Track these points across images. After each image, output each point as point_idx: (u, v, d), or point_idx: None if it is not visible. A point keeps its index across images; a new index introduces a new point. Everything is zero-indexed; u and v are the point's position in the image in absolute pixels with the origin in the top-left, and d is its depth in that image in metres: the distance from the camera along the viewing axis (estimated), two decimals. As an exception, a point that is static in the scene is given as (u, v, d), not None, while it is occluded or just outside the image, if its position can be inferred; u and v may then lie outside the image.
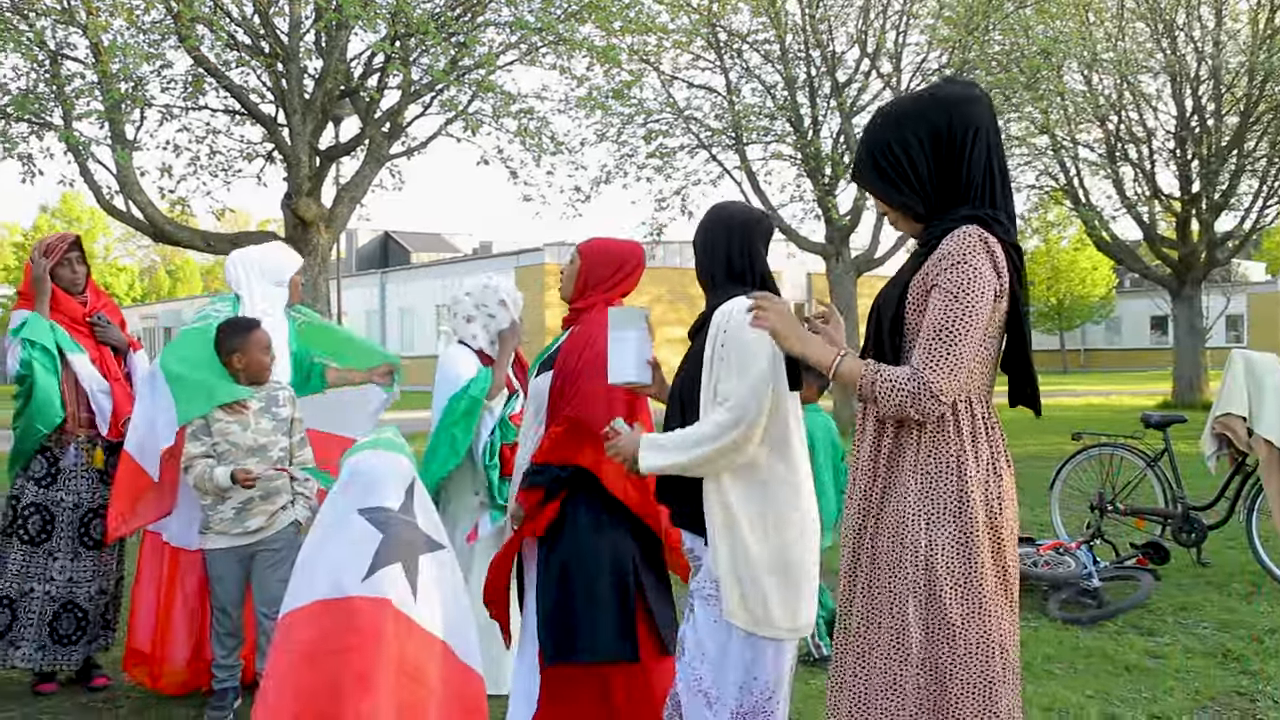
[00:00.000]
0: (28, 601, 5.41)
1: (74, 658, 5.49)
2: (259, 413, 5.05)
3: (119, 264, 68.31)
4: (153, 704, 5.31)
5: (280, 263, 5.57)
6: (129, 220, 14.65)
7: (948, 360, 2.76)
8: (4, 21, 13.01)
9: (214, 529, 4.98)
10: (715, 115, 20.76)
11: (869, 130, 3.03)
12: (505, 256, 39.25)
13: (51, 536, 5.45)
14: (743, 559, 3.42)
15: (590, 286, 4.31)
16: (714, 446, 3.36)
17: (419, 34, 13.23)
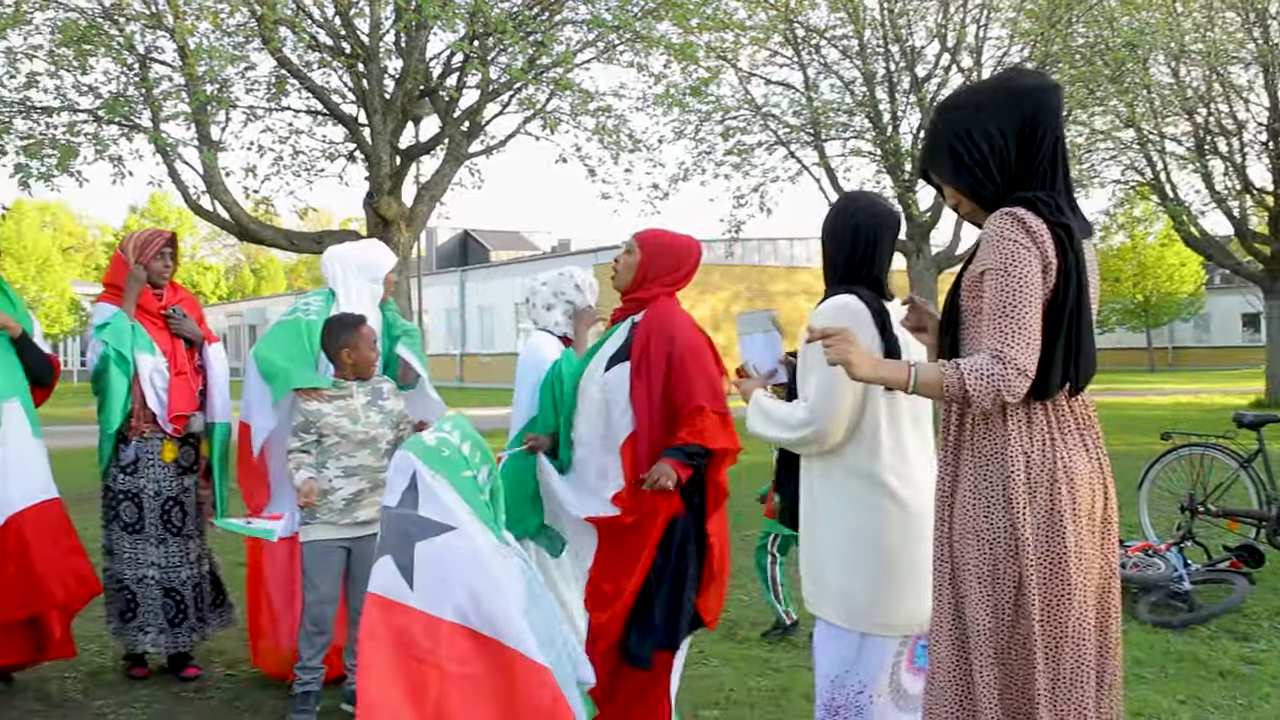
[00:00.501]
0: (144, 587, 5.58)
1: (181, 640, 5.65)
2: (367, 406, 5.06)
3: (205, 263, 69.64)
4: (242, 694, 5.41)
5: (376, 260, 5.63)
6: (215, 220, 14.93)
7: (1021, 334, 2.74)
8: (96, 27, 13.31)
9: (320, 519, 4.94)
10: (793, 112, 20.65)
11: (942, 121, 3.01)
12: (583, 254, 39.40)
13: (144, 524, 5.58)
14: (825, 551, 3.41)
15: (650, 278, 4.26)
16: (792, 436, 3.46)
17: (497, 33, 13.31)
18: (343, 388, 5.05)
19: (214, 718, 5.10)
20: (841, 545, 3.41)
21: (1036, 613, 2.79)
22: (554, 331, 5.43)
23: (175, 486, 5.66)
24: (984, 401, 2.77)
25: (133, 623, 5.60)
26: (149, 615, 5.59)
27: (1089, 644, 2.85)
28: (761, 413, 3.59)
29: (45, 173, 13.86)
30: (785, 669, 5.74)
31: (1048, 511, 2.81)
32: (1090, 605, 2.85)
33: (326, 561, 4.99)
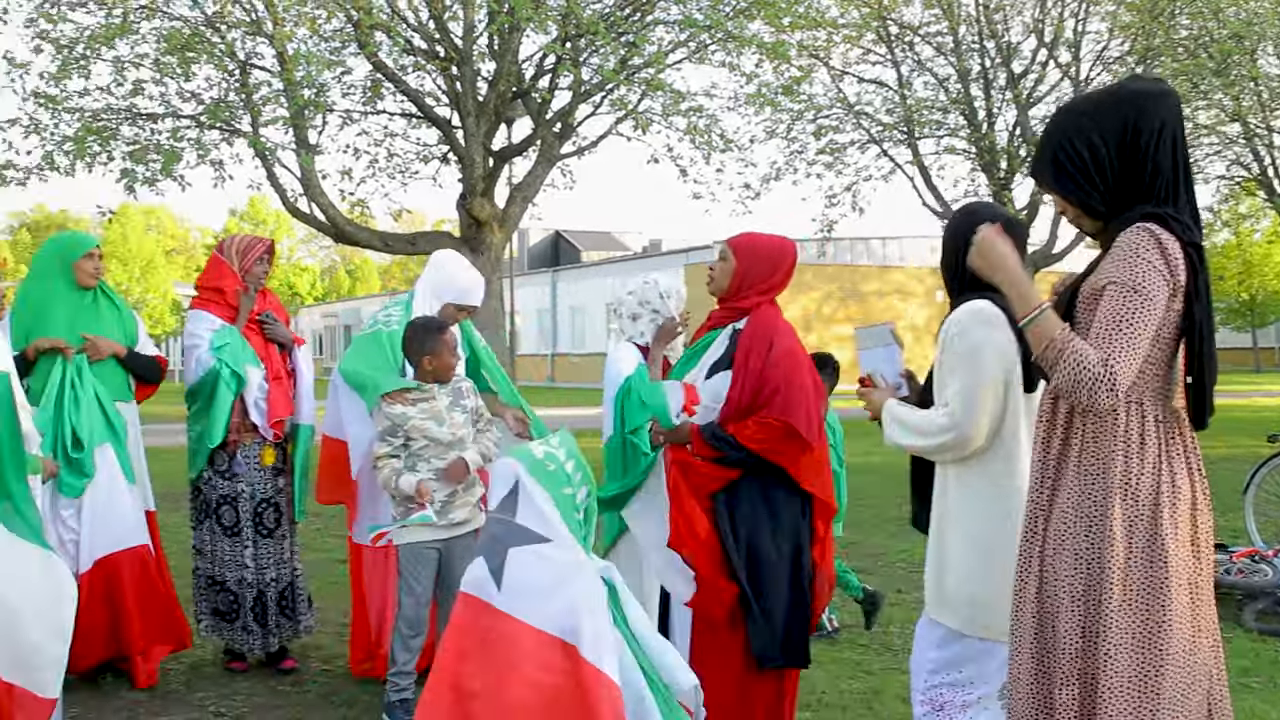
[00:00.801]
0: (244, 589, 5.70)
1: (271, 640, 5.75)
2: (450, 407, 5.03)
3: (301, 264, 70.96)
4: (338, 689, 5.49)
5: (469, 288, 5.58)
6: (311, 222, 15.20)
7: (1130, 351, 2.67)
8: (199, 35, 13.63)
9: (415, 522, 4.90)
10: (886, 110, 20.48)
11: (1050, 126, 2.98)
12: (675, 254, 39.39)
13: (240, 526, 5.69)
14: (949, 556, 3.37)
15: (748, 284, 4.23)
16: (932, 442, 3.41)
17: (589, 34, 13.37)
18: (425, 390, 5.02)
19: (310, 711, 5.18)
20: (971, 552, 3.37)
21: (1131, 640, 2.72)
22: (639, 342, 5.45)
23: (270, 488, 5.76)
24: (1059, 383, 2.71)
25: (236, 622, 5.71)
26: (247, 614, 5.70)
27: (1196, 668, 2.77)
28: (897, 421, 3.53)
29: (150, 177, 14.24)
30: (878, 671, 5.68)
31: (1150, 537, 2.74)
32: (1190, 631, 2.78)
33: (423, 563, 5.00)
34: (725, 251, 4.28)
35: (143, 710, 5.19)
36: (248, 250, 5.80)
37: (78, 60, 13.74)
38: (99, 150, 14.18)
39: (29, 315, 5.30)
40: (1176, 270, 2.72)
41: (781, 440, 4.03)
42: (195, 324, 5.73)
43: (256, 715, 5.15)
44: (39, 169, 14.38)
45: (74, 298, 5.42)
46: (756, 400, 4.04)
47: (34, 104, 14.07)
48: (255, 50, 14.53)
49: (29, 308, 5.33)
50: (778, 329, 4.14)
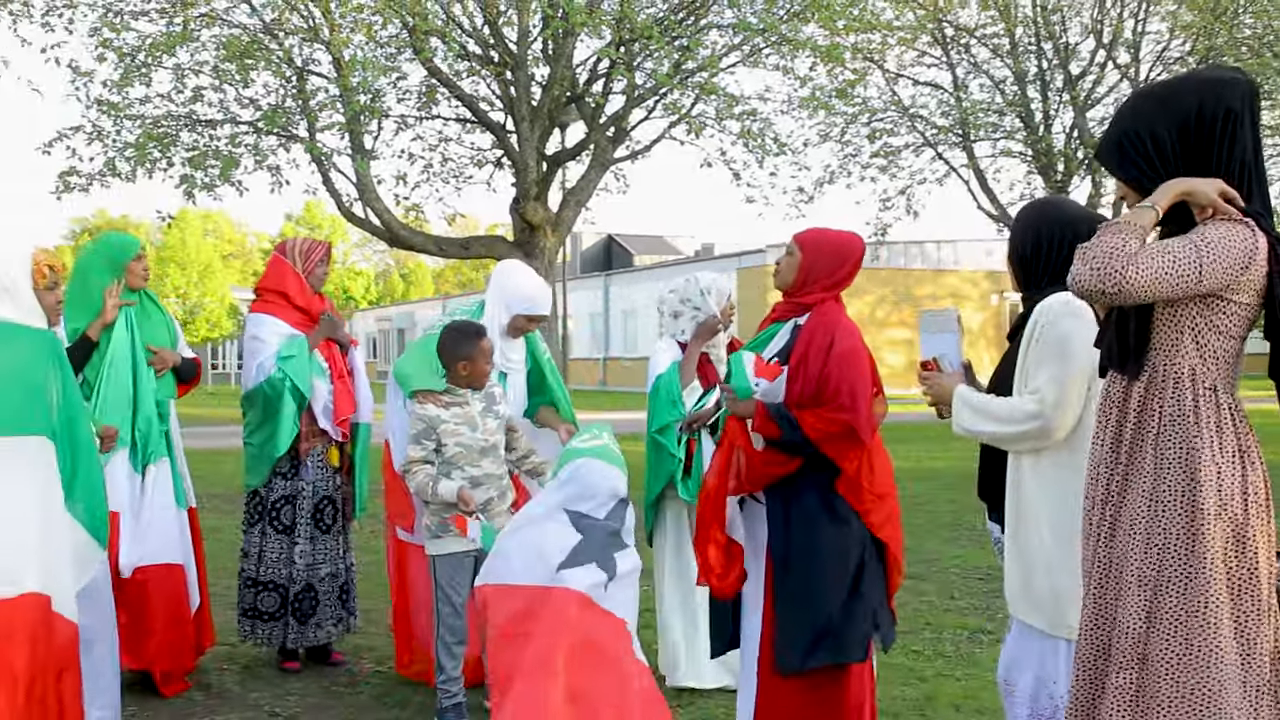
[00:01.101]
0: (293, 585, 5.76)
1: (310, 635, 5.80)
2: (483, 413, 5.00)
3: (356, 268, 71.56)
4: (391, 690, 5.52)
5: (537, 298, 5.56)
6: (367, 226, 15.34)
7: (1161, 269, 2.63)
8: (257, 42, 13.80)
9: (453, 532, 4.86)
10: (941, 112, 20.33)
11: (1121, 109, 2.95)
12: (727, 258, 39.32)
13: (296, 525, 5.76)
14: (1035, 553, 3.33)
15: (812, 279, 4.21)
16: (1014, 430, 3.36)
17: (643, 39, 13.39)
18: (459, 395, 4.97)
19: (363, 713, 5.22)
20: (1055, 547, 3.32)
21: (1227, 628, 2.68)
22: (680, 339, 5.47)
23: (329, 485, 5.84)
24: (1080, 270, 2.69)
25: (280, 620, 5.76)
26: (297, 611, 5.76)
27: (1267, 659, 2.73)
28: (971, 407, 3.47)
29: (208, 183, 14.44)
30: (930, 678, 5.62)
31: (1238, 526, 2.69)
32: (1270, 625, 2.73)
33: (461, 573, 4.95)
34: (792, 246, 4.27)
35: (198, 709, 5.25)
36: (309, 253, 5.87)
37: (139, 68, 13.96)
38: (159, 156, 14.41)
39: (85, 320, 5.23)
40: (1261, 264, 2.68)
41: (840, 437, 4.02)
42: (259, 328, 5.75)
43: (310, 715, 5.19)
44: (101, 175, 14.64)
45: (127, 311, 5.39)
46: (819, 398, 4.03)
47: (97, 111, 14.34)
48: (312, 57, 14.70)
49: (84, 312, 5.24)
50: (840, 326, 4.12)
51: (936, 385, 3.62)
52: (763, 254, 36.29)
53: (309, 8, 13.75)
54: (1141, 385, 2.79)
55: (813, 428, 4.00)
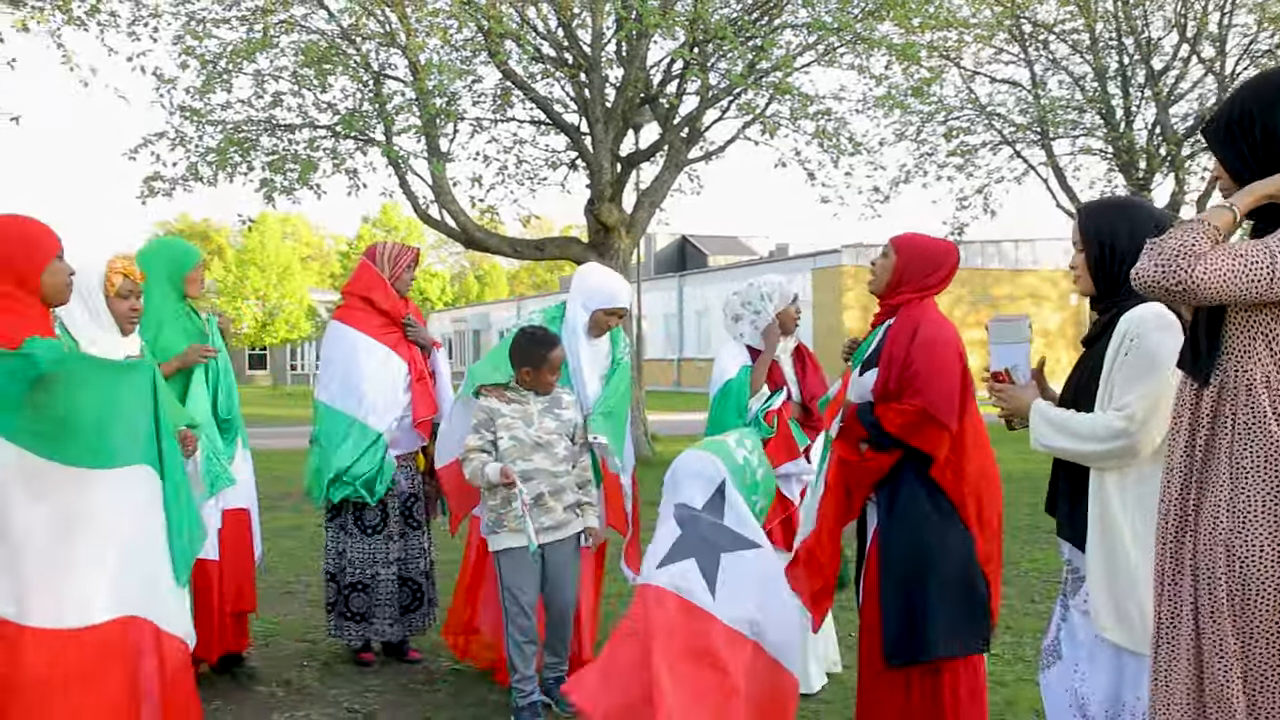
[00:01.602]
0: (379, 584, 5.85)
1: (415, 626, 5.97)
2: (543, 412, 5.10)
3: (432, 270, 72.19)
4: (468, 687, 5.57)
5: (613, 291, 5.59)
6: (442, 228, 15.48)
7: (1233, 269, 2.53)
8: (335, 47, 13.99)
9: (508, 527, 4.98)
10: (1019, 110, 20.07)
11: (1240, 89, 2.82)
12: (802, 259, 39.14)
13: (387, 523, 5.85)
14: (1121, 570, 3.26)
15: (905, 282, 4.26)
16: (1099, 448, 3.27)
17: (717, 39, 13.37)
18: (521, 393, 5.10)
19: (440, 711, 5.26)
20: (1143, 564, 3.24)
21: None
22: (748, 342, 5.49)
23: (416, 484, 5.95)
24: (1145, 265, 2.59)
25: (369, 619, 5.86)
26: (384, 609, 5.85)
27: None
28: (1050, 424, 3.38)
29: (287, 186, 14.67)
30: (1011, 683, 5.55)
31: None
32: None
33: (525, 571, 5.01)
34: (888, 249, 4.32)
35: (278, 705, 5.33)
36: (398, 258, 5.97)
37: (220, 74, 14.22)
38: (240, 161, 14.67)
39: (153, 327, 5.30)
40: None
41: (919, 425, 4.04)
42: (332, 349, 5.93)
43: (388, 712, 5.24)
44: (184, 180, 14.93)
45: (181, 307, 5.51)
46: (901, 386, 4.08)
47: (180, 117, 14.63)
48: (389, 61, 14.87)
49: (153, 320, 5.30)
50: (925, 319, 4.17)
51: (1010, 397, 3.56)
52: (837, 254, 36.07)
53: (385, 13, 13.90)
54: (1213, 391, 2.70)
55: (891, 421, 4.05)
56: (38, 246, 3.41)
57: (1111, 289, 3.43)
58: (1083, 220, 3.51)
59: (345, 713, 5.23)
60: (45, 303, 3.45)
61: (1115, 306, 3.38)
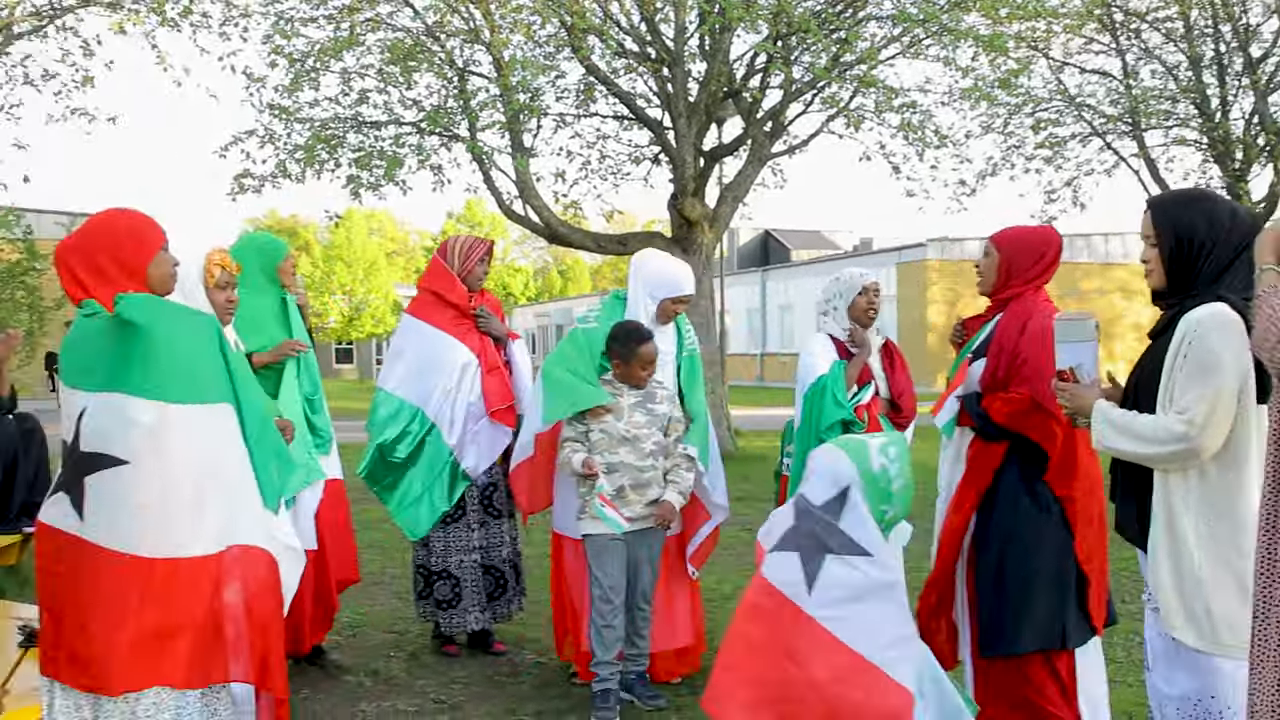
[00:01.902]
0: (464, 571, 5.93)
1: (499, 613, 6.02)
2: (634, 406, 5.17)
3: (515, 265, 72.66)
4: (552, 681, 5.60)
5: (679, 278, 5.55)
6: (526, 223, 15.57)
7: None
8: (420, 45, 14.13)
9: (590, 513, 5.11)
10: (1110, 101, 19.64)
11: None
12: (886, 253, 38.78)
13: (466, 512, 5.90)
14: (1187, 571, 3.21)
15: (1012, 276, 4.25)
16: (1160, 450, 3.23)
17: (800, 32, 13.28)
18: (615, 387, 5.19)
19: (524, 702, 5.30)
20: (1207, 566, 3.20)
21: None
22: (825, 332, 5.46)
23: (496, 471, 5.98)
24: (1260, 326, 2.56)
25: (458, 606, 5.92)
26: (471, 597, 5.91)
27: None
28: (1112, 425, 3.35)
29: (373, 183, 14.85)
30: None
31: None
32: None
33: (608, 556, 5.11)
34: (989, 248, 4.30)
35: (366, 695, 5.40)
36: (469, 252, 5.99)
37: (308, 73, 14.45)
38: (327, 158, 14.89)
39: (248, 319, 5.37)
40: None
41: (1027, 414, 4.02)
42: (401, 340, 6.04)
43: (473, 703, 5.29)
44: (273, 177, 15.20)
45: (276, 298, 5.60)
46: (1009, 375, 4.09)
47: (269, 115, 14.89)
48: (473, 58, 14.99)
49: (247, 312, 5.35)
50: (1035, 309, 4.15)
51: (1074, 396, 3.52)
52: (922, 248, 35.68)
53: (470, 10, 14.02)
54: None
55: (998, 411, 4.06)
56: (144, 238, 3.53)
57: (1182, 284, 3.37)
58: (1156, 214, 3.44)
59: (431, 703, 5.29)
60: (152, 291, 3.55)
61: (1181, 303, 3.33)
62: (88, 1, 14.69)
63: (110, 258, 3.45)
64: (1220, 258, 3.32)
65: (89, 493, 3.36)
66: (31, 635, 4.30)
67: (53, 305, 18.85)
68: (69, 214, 20.47)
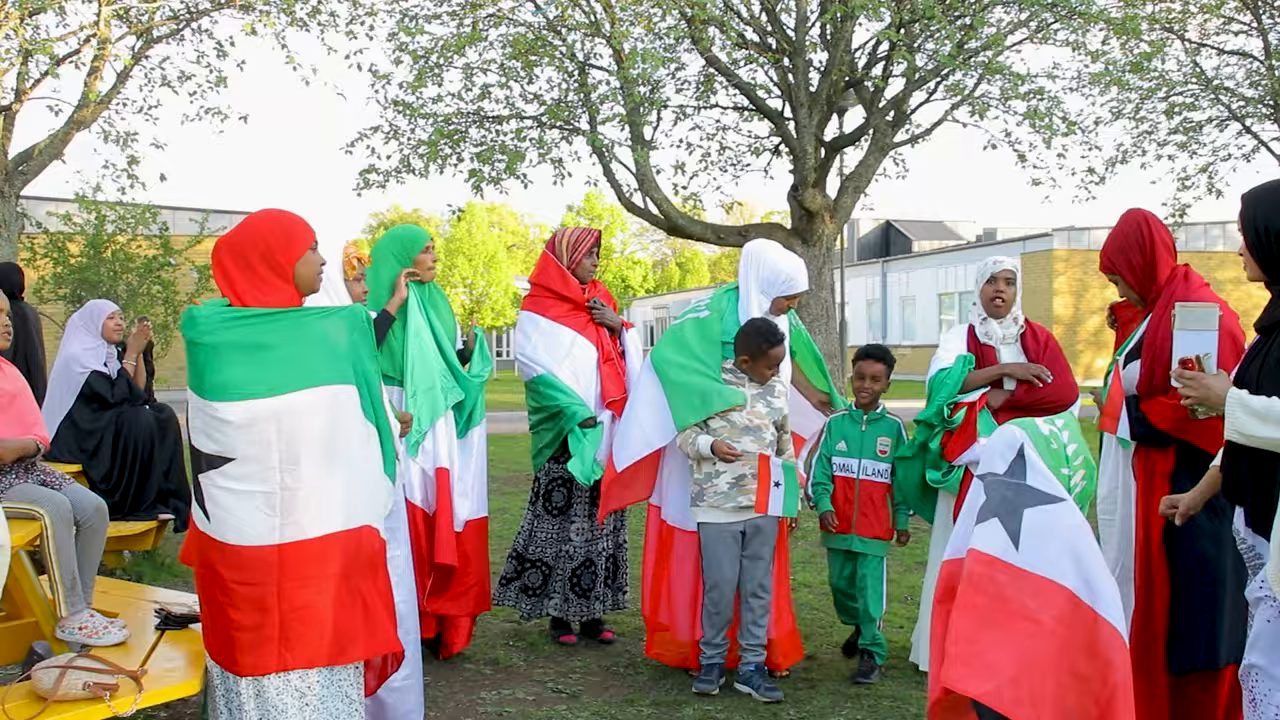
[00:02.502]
0: (561, 561, 6.00)
1: (589, 609, 6.05)
2: (755, 398, 5.28)
3: (634, 257, 72.94)
4: (670, 672, 5.59)
5: (793, 275, 5.54)
6: (646, 215, 15.58)
7: None
8: (541, 39, 14.23)
9: (707, 502, 5.24)
10: (1250, 83, 18.97)
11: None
12: (1010, 243, 37.98)
13: (571, 505, 5.96)
14: None
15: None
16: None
17: (924, 19, 13.04)
18: (737, 376, 5.32)
19: (642, 693, 5.31)
20: None
21: None
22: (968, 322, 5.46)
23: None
24: None
25: (543, 592, 6.01)
26: (558, 585, 5.99)
27: None
28: (1254, 413, 3.18)
29: (495, 176, 15.01)
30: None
31: None
32: None
33: (722, 544, 5.26)
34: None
35: (487, 682, 5.47)
36: (577, 244, 6.04)
37: (432, 69, 14.64)
38: (449, 153, 15.08)
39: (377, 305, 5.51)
40: None
41: (1189, 417, 3.86)
42: (522, 337, 6.08)
43: (591, 693, 5.32)
44: (397, 172, 15.46)
45: (416, 289, 5.68)
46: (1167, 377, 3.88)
47: (393, 111, 15.13)
48: (593, 51, 15.03)
49: (376, 298, 5.52)
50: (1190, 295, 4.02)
51: (1202, 386, 3.35)
52: (1048, 238, 34.88)
53: (591, 3, 14.07)
54: None
55: (1161, 416, 3.90)
56: (294, 237, 3.66)
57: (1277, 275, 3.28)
58: (1244, 205, 3.39)
59: (550, 692, 5.33)
60: (299, 289, 3.68)
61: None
62: (222, 4, 15.12)
63: (261, 256, 3.59)
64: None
65: (205, 491, 3.55)
66: (168, 618, 4.46)
67: (186, 299, 19.47)
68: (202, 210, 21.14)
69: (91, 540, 4.56)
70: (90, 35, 14.25)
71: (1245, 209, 3.39)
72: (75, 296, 19.45)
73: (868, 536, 5.60)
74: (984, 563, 3.48)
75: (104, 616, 4.39)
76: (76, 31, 14.44)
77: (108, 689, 3.62)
